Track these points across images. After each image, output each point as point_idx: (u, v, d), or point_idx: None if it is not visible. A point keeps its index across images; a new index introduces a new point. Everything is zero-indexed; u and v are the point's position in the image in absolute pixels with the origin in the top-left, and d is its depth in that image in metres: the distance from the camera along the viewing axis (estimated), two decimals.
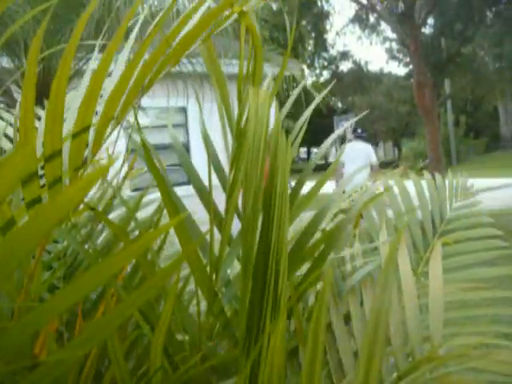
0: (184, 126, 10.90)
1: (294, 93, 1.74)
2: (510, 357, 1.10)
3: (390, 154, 44.99)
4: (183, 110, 10.80)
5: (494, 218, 1.98)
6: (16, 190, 1.10)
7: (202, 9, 1.15)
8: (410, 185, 1.97)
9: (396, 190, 1.90)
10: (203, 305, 1.29)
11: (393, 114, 36.54)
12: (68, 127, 1.12)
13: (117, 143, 1.51)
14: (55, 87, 0.93)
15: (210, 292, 1.22)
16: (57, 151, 0.98)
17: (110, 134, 1.10)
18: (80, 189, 0.51)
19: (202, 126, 1.51)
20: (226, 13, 1.13)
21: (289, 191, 0.92)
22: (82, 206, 1.29)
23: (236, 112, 1.35)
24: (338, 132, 1.73)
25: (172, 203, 1.17)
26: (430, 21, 17.00)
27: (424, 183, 2.04)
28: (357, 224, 1.68)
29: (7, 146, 1.75)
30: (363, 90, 33.90)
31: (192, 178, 1.39)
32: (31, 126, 0.93)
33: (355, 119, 2.02)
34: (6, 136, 1.79)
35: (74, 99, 1.31)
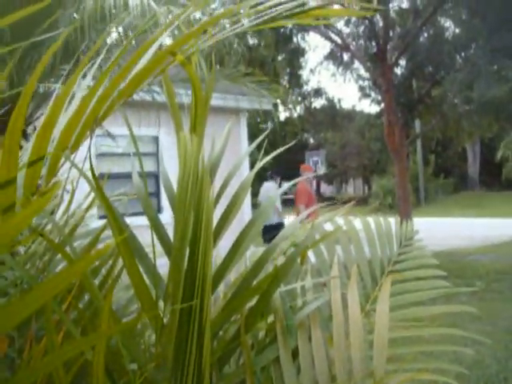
0: (155, 155, 10.91)
1: (264, 132, 1.78)
2: None
3: (359, 190, 45.36)
4: (155, 140, 10.82)
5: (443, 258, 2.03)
6: None
7: (154, 47, 1.19)
8: (359, 225, 2.03)
9: (346, 228, 1.94)
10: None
11: (364, 151, 36.98)
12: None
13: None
14: (13, 120, 0.95)
15: (158, 323, 1.24)
16: (11, 179, 1.00)
17: (64, 163, 1.13)
18: (26, 216, 0.53)
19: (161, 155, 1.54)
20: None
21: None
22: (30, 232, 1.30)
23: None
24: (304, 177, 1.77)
25: (120, 228, 1.18)
26: (402, 62, 17.34)
27: (373, 224, 2.09)
28: (303, 259, 1.70)
29: None
30: (335, 127, 34.34)
31: (145, 208, 1.41)
32: None
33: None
34: None
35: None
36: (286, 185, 1.76)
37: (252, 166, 1.62)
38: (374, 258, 1.89)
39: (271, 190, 10.94)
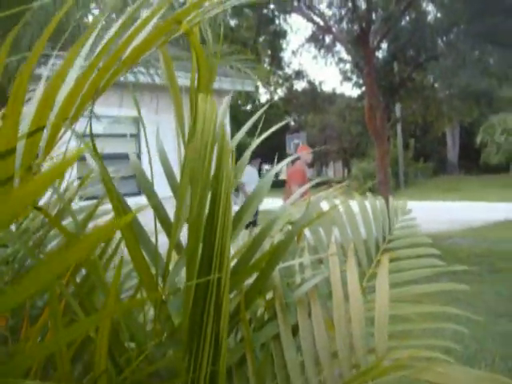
0: (136, 136, 10.83)
1: (247, 114, 1.76)
2: (450, 369, 1.13)
3: (339, 173, 45.49)
4: (136, 120, 10.73)
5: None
6: None
7: (154, 20, 1.16)
8: (354, 205, 2.03)
9: (341, 208, 1.93)
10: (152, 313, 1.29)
11: (344, 135, 37.06)
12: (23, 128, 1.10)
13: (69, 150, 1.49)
14: (15, 89, 0.92)
15: (158, 300, 1.22)
16: (11, 149, 0.97)
17: (63, 135, 1.10)
18: (33, 190, 0.50)
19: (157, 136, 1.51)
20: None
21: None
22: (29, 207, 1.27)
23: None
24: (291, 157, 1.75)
25: (121, 208, 1.16)
26: (384, 45, 17.34)
27: (367, 204, 2.09)
28: (300, 237, 1.70)
29: None
30: (316, 110, 34.32)
31: (144, 188, 1.38)
32: None
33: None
34: None
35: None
36: (280, 165, 1.74)
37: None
38: (368, 237, 1.88)
39: (251, 173, 10.99)
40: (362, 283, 1.69)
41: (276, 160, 1.83)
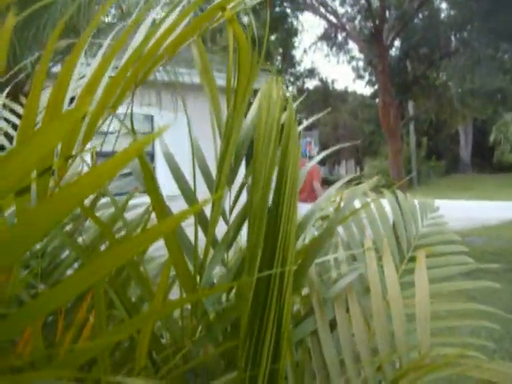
0: (150, 133, 10.82)
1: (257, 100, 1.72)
2: (495, 366, 1.10)
3: (351, 172, 45.35)
4: (150, 118, 10.72)
5: None
6: None
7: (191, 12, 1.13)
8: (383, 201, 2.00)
9: (372, 205, 1.90)
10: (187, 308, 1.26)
11: (357, 133, 36.93)
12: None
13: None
14: (60, 77, 0.90)
15: (193, 293, 1.19)
16: (52, 139, 0.94)
17: (102, 124, 1.08)
18: (113, 166, 0.47)
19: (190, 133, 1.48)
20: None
21: None
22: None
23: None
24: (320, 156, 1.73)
25: (161, 207, 1.13)
26: (397, 43, 17.25)
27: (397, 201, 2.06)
28: (332, 233, 1.67)
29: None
30: (328, 108, 34.19)
31: (179, 183, 1.36)
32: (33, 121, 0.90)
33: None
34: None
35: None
36: (309, 165, 1.70)
37: None
38: (400, 233, 1.85)
39: None
40: None
41: None
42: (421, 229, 1.95)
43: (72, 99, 1.45)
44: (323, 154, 1.64)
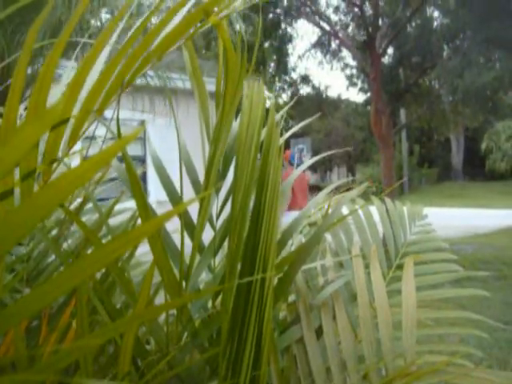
0: (142, 139, 10.80)
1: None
2: (481, 374, 1.09)
3: (343, 178, 45.37)
4: (142, 124, 10.71)
5: None
6: None
7: (182, 12, 1.13)
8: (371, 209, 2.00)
9: (360, 211, 1.90)
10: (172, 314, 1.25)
11: (349, 140, 36.99)
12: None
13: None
14: (40, 80, 0.89)
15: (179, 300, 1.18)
16: (34, 142, 0.93)
17: (87, 128, 1.07)
18: (87, 169, 0.47)
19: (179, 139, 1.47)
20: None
21: None
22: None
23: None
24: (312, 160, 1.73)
25: (146, 211, 1.12)
26: (390, 51, 17.31)
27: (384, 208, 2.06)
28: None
29: None
30: (321, 115, 34.29)
31: (166, 188, 1.35)
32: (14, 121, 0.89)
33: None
34: None
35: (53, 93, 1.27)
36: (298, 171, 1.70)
37: None
38: (387, 241, 1.84)
39: None
40: None
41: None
42: (409, 236, 1.95)
43: None
44: (312, 160, 1.64)
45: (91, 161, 0.46)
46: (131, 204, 1.56)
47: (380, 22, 16.14)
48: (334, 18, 17.82)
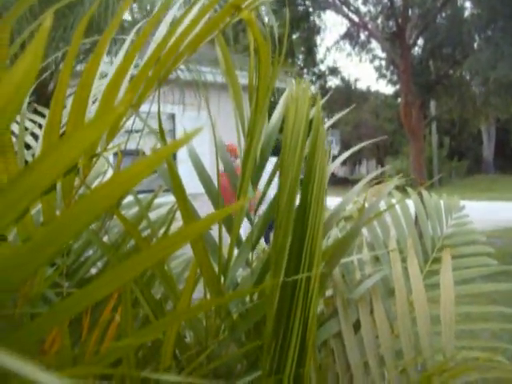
0: (172, 131, 10.86)
1: (281, 102, 1.70)
2: None
3: (372, 171, 45.02)
4: (172, 117, 10.76)
5: None
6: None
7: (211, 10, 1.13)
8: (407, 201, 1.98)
9: (397, 206, 1.89)
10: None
11: (378, 132, 36.72)
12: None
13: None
14: (84, 77, 0.90)
15: (218, 294, 1.19)
16: (77, 138, 0.95)
17: (125, 122, 1.08)
18: (137, 172, 0.47)
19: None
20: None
21: None
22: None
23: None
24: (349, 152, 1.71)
25: (188, 211, 1.12)
26: (420, 42, 17.12)
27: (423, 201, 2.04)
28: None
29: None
30: (350, 107, 34.06)
31: (204, 184, 1.35)
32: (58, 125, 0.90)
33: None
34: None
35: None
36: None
37: None
38: (424, 234, 1.83)
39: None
40: None
41: None
42: (446, 229, 1.93)
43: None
44: (345, 154, 1.63)
45: (144, 162, 0.46)
46: (165, 198, 1.57)
47: (410, 12, 15.97)
48: (363, 9, 17.69)
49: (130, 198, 1.73)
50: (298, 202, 0.92)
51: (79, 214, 0.52)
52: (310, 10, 17.85)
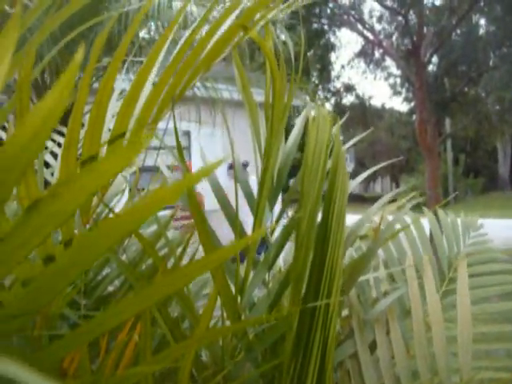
0: (187, 148, 10.93)
1: (298, 123, 1.70)
2: None
3: (387, 189, 44.90)
4: (187, 134, 10.83)
5: None
6: None
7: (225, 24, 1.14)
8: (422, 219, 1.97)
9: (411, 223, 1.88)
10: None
11: (393, 150, 36.64)
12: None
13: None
14: (100, 94, 0.92)
15: (235, 314, 1.19)
16: (93, 156, 0.96)
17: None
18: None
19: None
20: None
21: None
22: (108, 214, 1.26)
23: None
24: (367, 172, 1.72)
25: (209, 240, 1.13)
26: (435, 59, 17.13)
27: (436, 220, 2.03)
28: None
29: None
30: (365, 124, 34.11)
31: (221, 203, 1.36)
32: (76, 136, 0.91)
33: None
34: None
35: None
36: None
37: None
38: (440, 253, 1.82)
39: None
40: None
41: None
42: (463, 248, 1.92)
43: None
44: (363, 175, 1.64)
45: (168, 190, 0.47)
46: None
47: (425, 30, 16.00)
48: (378, 26, 17.77)
49: None
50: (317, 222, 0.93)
51: (102, 237, 0.53)
52: (325, 27, 17.93)
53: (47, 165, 1.82)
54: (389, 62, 19.45)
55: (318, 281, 0.85)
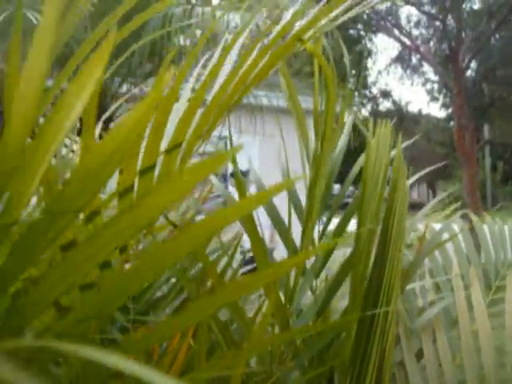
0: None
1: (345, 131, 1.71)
2: None
3: (424, 195, 44.39)
4: (224, 140, 10.87)
5: None
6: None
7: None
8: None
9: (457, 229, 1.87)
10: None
11: (430, 156, 36.24)
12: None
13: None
14: (164, 104, 0.94)
15: (284, 321, 1.20)
16: (152, 165, 0.99)
17: (198, 148, 1.12)
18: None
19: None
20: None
21: None
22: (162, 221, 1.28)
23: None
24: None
25: (263, 256, 1.14)
26: (474, 64, 16.93)
27: (484, 226, 2.01)
28: None
29: None
30: (402, 130, 33.76)
31: (270, 212, 1.37)
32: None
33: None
34: None
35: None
36: None
37: None
38: (487, 262, 1.80)
39: None
40: None
41: None
42: (510, 256, 1.89)
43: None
44: (411, 179, 1.63)
45: (230, 210, 0.49)
46: None
47: (463, 35, 15.83)
48: (415, 32, 17.63)
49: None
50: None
51: (169, 253, 0.55)
52: (362, 33, 17.87)
53: None
54: (426, 67, 19.28)
55: (378, 289, 0.85)
